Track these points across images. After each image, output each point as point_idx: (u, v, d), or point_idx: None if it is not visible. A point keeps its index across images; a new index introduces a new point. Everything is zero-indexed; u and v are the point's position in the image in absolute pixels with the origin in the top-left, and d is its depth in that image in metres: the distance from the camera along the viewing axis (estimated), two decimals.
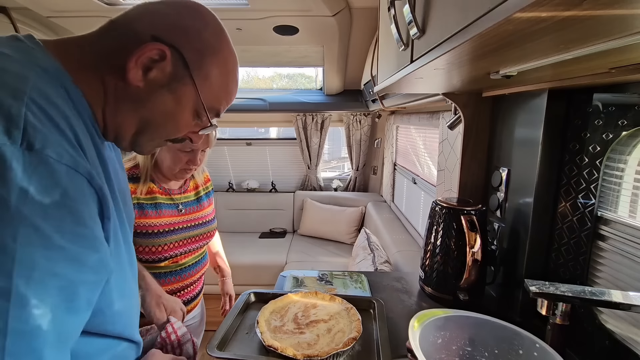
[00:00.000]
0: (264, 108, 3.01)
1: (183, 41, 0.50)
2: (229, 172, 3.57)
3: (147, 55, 0.48)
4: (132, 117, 0.52)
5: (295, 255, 2.85)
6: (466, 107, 1.07)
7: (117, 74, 0.48)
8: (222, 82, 0.55)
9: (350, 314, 0.81)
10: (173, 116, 0.53)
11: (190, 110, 0.54)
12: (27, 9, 1.81)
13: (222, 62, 0.54)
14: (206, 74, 0.52)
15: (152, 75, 0.49)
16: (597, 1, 0.27)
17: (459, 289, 0.92)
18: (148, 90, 0.50)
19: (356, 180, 3.51)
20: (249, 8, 1.75)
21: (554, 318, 0.65)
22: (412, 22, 0.57)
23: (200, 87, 0.52)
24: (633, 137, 0.66)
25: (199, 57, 0.51)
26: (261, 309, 0.81)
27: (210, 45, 0.52)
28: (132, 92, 0.50)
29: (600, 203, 0.72)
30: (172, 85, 0.51)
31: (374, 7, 1.81)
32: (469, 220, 0.89)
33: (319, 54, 2.48)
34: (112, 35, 0.50)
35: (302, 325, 0.77)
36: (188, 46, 0.50)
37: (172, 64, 0.50)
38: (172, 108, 0.52)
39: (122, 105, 0.51)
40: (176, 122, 0.55)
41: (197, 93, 0.52)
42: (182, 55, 0.50)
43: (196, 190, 1.19)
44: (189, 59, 0.50)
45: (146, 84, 0.50)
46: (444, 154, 1.58)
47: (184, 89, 0.52)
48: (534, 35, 0.38)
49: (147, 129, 0.54)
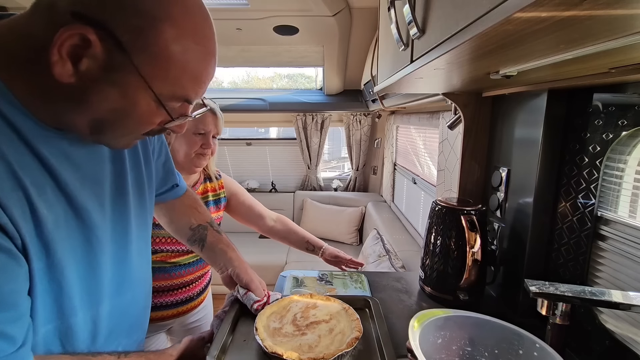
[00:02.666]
0: (264, 108, 3.01)
1: (114, 16, 0.38)
2: (229, 172, 3.58)
3: (67, 42, 0.37)
4: (79, 117, 0.43)
5: (295, 255, 2.85)
6: (466, 107, 1.07)
7: (48, 70, 0.39)
8: (182, 61, 0.42)
9: (349, 313, 0.81)
10: (126, 112, 0.43)
11: (147, 102, 0.43)
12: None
13: (177, 35, 0.41)
14: (153, 55, 0.40)
15: (84, 67, 0.39)
16: (597, 1, 0.27)
17: (459, 289, 0.92)
18: (84, 86, 0.40)
19: (356, 180, 3.51)
20: (249, 8, 1.75)
21: (554, 318, 0.65)
22: (412, 22, 0.57)
23: (148, 73, 0.41)
24: (633, 137, 0.66)
25: (139, 35, 0.39)
26: (259, 314, 0.79)
27: (151, 15, 0.39)
28: (66, 90, 0.40)
29: (600, 203, 0.72)
30: (111, 75, 0.40)
31: (374, 7, 1.81)
32: (469, 220, 0.89)
33: (319, 54, 2.49)
34: (35, 21, 0.40)
35: (301, 326, 0.76)
36: (121, 22, 0.38)
37: (104, 48, 0.38)
38: (121, 103, 0.42)
39: (61, 106, 0.43)
40: (132, 119, 0.44)
41: (144, 82, 0.41)
42: (113, 35, 0.38)
43: (204, 195, 1.19)
44: (125, 40, 0.39)
45: (79, 79, 0.40)
46: (444, 154, 1.58)
47: (128, 79, 0.41)
48: (534, 35, 0.38)
49: (103, 128, 0.45)
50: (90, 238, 0.52)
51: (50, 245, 0.45)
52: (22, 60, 0.41)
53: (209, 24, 0.45)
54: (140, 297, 0.68)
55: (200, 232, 0.85)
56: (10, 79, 0.41)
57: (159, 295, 1.08)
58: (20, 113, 0.42)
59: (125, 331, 0.65)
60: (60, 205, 0.47)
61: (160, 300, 1.08)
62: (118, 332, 0.62)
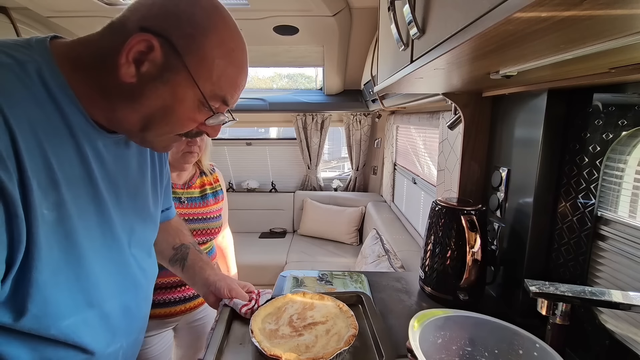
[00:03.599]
0: (264, 108, 3.01)
1: (172, 27, 0.47)
2: (229, 172, 3.57)
3: (135, 48, 0.46)
4: (132, 114, 0.51)
5: (295, 255, 2.85)
6: (466, 107, 1.07)
7: (112, 73, 0.48)
8: (222, 65, 0.51)
9: (343, 311, 0.81)
10: (173, 109, 0.51)
11: (192, 101, 0.51)
12: (27, 9, 1.81)
13: (219, 43, 0.49)
14: (201, 58, 0.49)
15: (145, 69, 0.48)
16: (597, 1, 0.27)
17: (459, 289, 0.92)
18: (142, 86, 0.48)
19: (356, 180, 3.51)
20: (249, 8, 1.75)
21: (554, 318, 0.65)
22: (412, 22, 0.57)
23: (196, 73, 0.49)
24: (633, 137, 0.66)
25: (190, 41, 0.48)
26: (252, 316, 0.78)
27: (201, 26, 0.48)
28: (127, 89, 0.49)
29: (600, 203, 0.72)
30: (165, 76, 0.48)
31: (374, 7, 1.81)
32: (469, 220, 0.89)
33: (319, 54, 2.48)
34: (107, 36, 0.49)
35: (298, 327, 0.75)
36: (177, 32, 0.47)
37: (163, 53, 0.47)
38: (170, 101, 0.50)
39: (120, 103, 0.50)
40: (178, 116, 0.52)
41: (193, 80, 0.49)
42: (171, 42, 0.47)
43: (202, 188, 1.22)
44: (179, 45, 0.47)
45: (139, 79, 0.48)
46: (444, 154, 1.58)
47: (179, 79, 0.49)
48: (534, 35, 0.38)
49: (150, 125, 0.52)
50: (105, 233, 0.57)
51: (72, 236, 0.50)
52: (89, 66, 0.49)
53: (243, 41, 0.54)
54: (140, 301, 0.68)
55: (182, 251, 0.87)
56: (76, 82, 0.49)
57: (166, 291, 1.10)
58: (79, 113, 0.50)
59: (125, 331, 0.65)
60: (86, 198, 0.52)
61: (167, 296, 1.10)
62: (121, 333, 0.63)
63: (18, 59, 0.45)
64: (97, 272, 0.54)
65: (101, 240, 0.55)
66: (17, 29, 1.84)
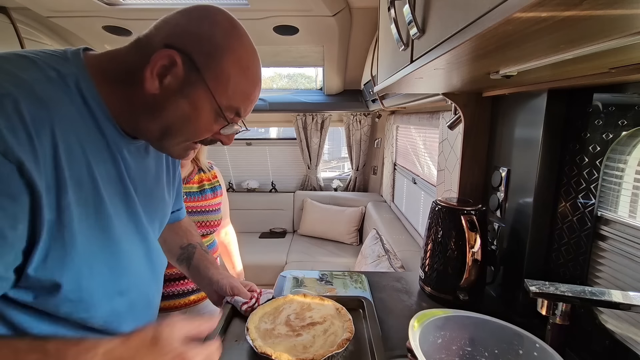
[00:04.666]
0: (264, 108, 3.01)
1: (193, 45, 0.52)
2: (229, 172, 3.58)
3: (159, 63, 0.51)
4: (153, 123, 0.55)
5: (295, 255, 2.85)
6: (466, 107, 1.07)
7: (138, 85, 0.52)
8: (237, 81, 0.55)
9: (341, 314, 0.80)
10: (190, 120, 0.55)
11: (209, 112, 0.55)
12: (27, 9, 1.81)
13: (235, 61, 0.54)
14: (218, 74, 0.53)
15: (167, 82, 0.52)
16: (597, 1, 0.27)
17: (459, 289, 0.92)
18: (164, 97, 0.53)
19: (356, 180, 3.51)
20: (249, 8, 1.75)
21: (554, 318, 0.65)
22: (412, 22, 0.57)
23: (214, 87, 0.53)
24: (633, 137, 0.66)
25: (209, 58, 0.52)
26: (250, 315, 0.79)
27: (219, 45, 0.53)
28: (150, 100, 0.53)
29: (600, 203, 0.72)
30: (185, 89, 0.53)
31: (374, 7, 1.80)
32: (469, 220, 0.89)
33: (319, 54, 2.48)
34: (133, 50, 0.54)
35: (296, 327, 0.75)
36: (198, 49, 0.52)
37: (184, 68, 0.51)
38: (189, 112, 0.54)
39: (143, 113, 0.55)
40: (195, 126, 0.56)
41: (210, 94, 0.53)
42: (192, 59, 0.51)
43: (200, 184, 1.26)
44: (199, 62, 0.52)
45: (162, 91, 0.52)
46: (444, 154, 1.58)
47: (198, 92, 0.53)
48: (534, 35, 0.38)
49: (169, 133, 0.56)
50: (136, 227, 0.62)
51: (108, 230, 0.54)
52: (117, 79, 0.54)
53: (257, 59, 0.59)
54: (157, 292, 0.71)
55: (189, 251, 0.91)
56: (107, 94, 0.53)
57: (171, 284, 1.13)
58: (109, 122, 0.54)
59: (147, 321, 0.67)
60: (119, 197, 0.57)
61: (172, 289, 1.13)
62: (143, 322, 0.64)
63: (61, 73, 0.49)
64: (126, 262, 0.59)
65: (133, 234, 0.61)
66: (17, 29, 1.84)
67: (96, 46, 2.24)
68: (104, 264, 0.54)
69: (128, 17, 1.88)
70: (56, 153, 0.46)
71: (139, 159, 0.63)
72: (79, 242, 0.49)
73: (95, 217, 0.52)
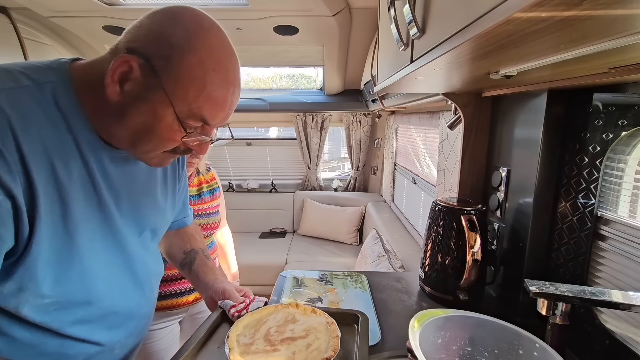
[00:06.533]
0: (264, 108, 3.01)
1: (153, 48, 0.49)
2: (229, 172, 3.57)
3: (118, 69, 0.49)
4: (122, 131, 0.54)
5: (295, 256, 2.85)
6: (466, 107, 1.07)
7: (105, 92, 0.51)
8: (200, 84, 0.51)
9: (330, 329, 0.73)
10: (152, 127, 0.52)
11: (169, 119, 0.52)
12: (27, 9, 1.81)
13: (196, 63, 0.50)
14: (176, 77, 0.49)
15: (127, 88, 0.50)
16: (597, 1, 0.27)
17: (459, 289, 0.92)
18: (126, 104, 0.51)
19: (356, 180, 3.51)
20: (249, 8, 1.75)
21: (554, 318, 0.65)
22: (412, 22, 0.57)
23: (170, 92, 0.50)
24: (633, 137, 0.66)
25: (167, 61, 0.49)
26: (235, 322, 0.74)
27: (178, 46, 0.49)
28: (115, 107, 0.51)
29: (600, 203, 0.72)
30: (144, 94, 0.50)
31: (374, 7, 1.80)
32: (469, 220, 0.89)
33: (319, 54, 2.48)
34: (108, 57, 0.53)
35: (275, 342, 0.69)
36: (157, 53, 0.49)
37: (142, 73, 0.49)
38: (150, 119, 0.52)
39: (110, 120, 0.53)
40: (158, 134, 0.53)
41: (168, 100, 0.50)
42: (150, 63, 0.49)
43: (199, 187, 1.27)
44: (158, 65, 0.49)
45: (124, 98, 0.51)
46: (444, 154, 1.58)
47: (157, 98, 0.50)
48: (534, 35, 0.38)
49: (136, 142, 0.54)
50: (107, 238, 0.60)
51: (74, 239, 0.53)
52: (94, 87, 0.52)
53: (232, 59, 0.54)
54: (142, 299, 0.70)
55: (191, 256, 0.91)
56: (87, 100, 0.53)
57: (170, 284, 1.14)
58: (85, 129, 0.53)
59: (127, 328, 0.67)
60: (90, 205, 0.55)
61: (172, 289, 1.14)
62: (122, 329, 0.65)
63: (36, 80, 0.49)
64: (96, 271, 0.57)
65: (103, 243, 0.59)
66: (17, 29, 1.84)
67: (96, 46, 2.24)
68: (69, 271, 0.53)
69: (128, 17, 1.88)
70: (24, 162, 0.46)
71: (124, 167, 0.61)
72: (44, 249, 0.49)
73: (62, 225, 0.51)
